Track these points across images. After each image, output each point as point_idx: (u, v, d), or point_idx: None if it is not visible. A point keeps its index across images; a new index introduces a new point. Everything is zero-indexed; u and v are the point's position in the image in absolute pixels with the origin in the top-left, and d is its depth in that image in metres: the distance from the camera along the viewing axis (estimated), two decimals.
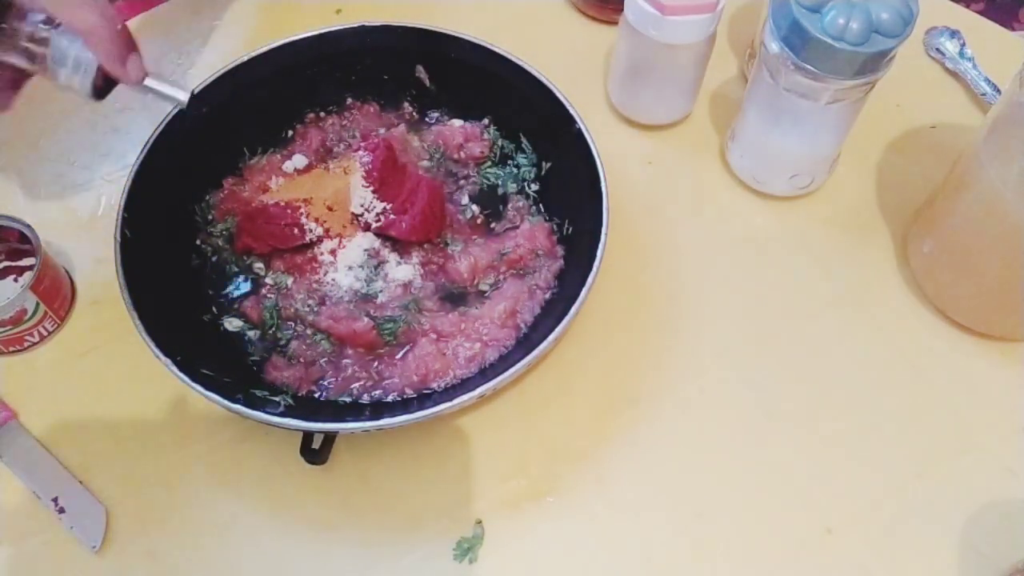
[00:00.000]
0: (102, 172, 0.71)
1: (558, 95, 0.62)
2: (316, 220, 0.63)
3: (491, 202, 0.67)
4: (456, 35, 0.66)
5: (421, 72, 0.69)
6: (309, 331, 0.61)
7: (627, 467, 0.58)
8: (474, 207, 0.66)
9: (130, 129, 0.73)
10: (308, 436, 0.54)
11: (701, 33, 0.64)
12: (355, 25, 0.67)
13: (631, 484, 0.58)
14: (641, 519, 0.56)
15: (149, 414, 0.60)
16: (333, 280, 0.62)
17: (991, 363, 0.62)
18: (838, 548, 0.56)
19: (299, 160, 0.67)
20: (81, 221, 0.69)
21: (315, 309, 0.61)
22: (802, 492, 0.57)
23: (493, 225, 0.66)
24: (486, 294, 0.62)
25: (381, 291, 0.62)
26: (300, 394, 0.58)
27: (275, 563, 0.55)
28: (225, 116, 0.65)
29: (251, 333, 0.61)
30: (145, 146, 0.61)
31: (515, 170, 0.68)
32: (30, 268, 0.60)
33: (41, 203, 0.69)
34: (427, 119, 0.70)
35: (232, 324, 0.61)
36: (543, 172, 0.67)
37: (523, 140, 0.68)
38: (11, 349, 0.62)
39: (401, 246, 0.64)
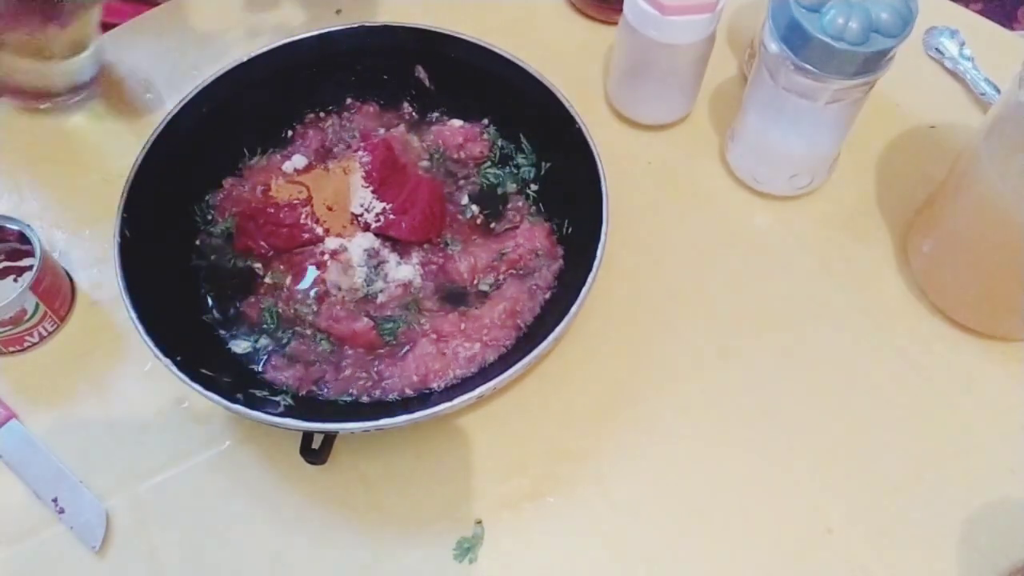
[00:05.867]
0: (102, 172, 0.71)
1: (558, 95, 0.62)
2: (316, 220, 0.63)
3: (491, 202, 0.67)
4: (456, 35, 0.66)
5: (421, 72, 0.69)
6: (309, 331, 0.61)
7: (627, 467, 0.58)
8: (474, 207, 0.66)
9: (132, 129, 0.73)
10: (308, 436, 0.54)
11: (701, 33, 0.64)
12: (355, 25, 0.67)
13: (631, 484, 0.58)
14: (641, 519, 0.56)
15: (149, 414, 0.60)
16: (334, 280, 0.62)
17: (991, 363, 0.62)
18: (838, 548, 0.56)
19: (299, 160, 0.67)
20: (81, 221, 0.69)
21: (315, 309, 0.61)
22: (802, 492, 0.57)
23: (493, 225, 0.66)
24: (486, 294, 0.62)
25: (381, 291, 0.62)
26: (300, 394, 0.58)
27: (275, 563, 0.55)
28: (225, 116, 0.65)
29: (261, 343, 0.61)
30: (145, 146, 0.61)
31: (515, 170, 0.68)
32: (30, 268, 0.60)
33: (41, 203, 0.70)
34: (427, 119, 0.70)
35: (239, 347, 0.61)
36: (543, 172, 0.67)
37: (523, 140, 0.68)
38: (11, 349, 0.62)
39: (401, 246, 0.64)
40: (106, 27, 0.76)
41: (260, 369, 0.59)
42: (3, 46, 0.65)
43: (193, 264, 0.64)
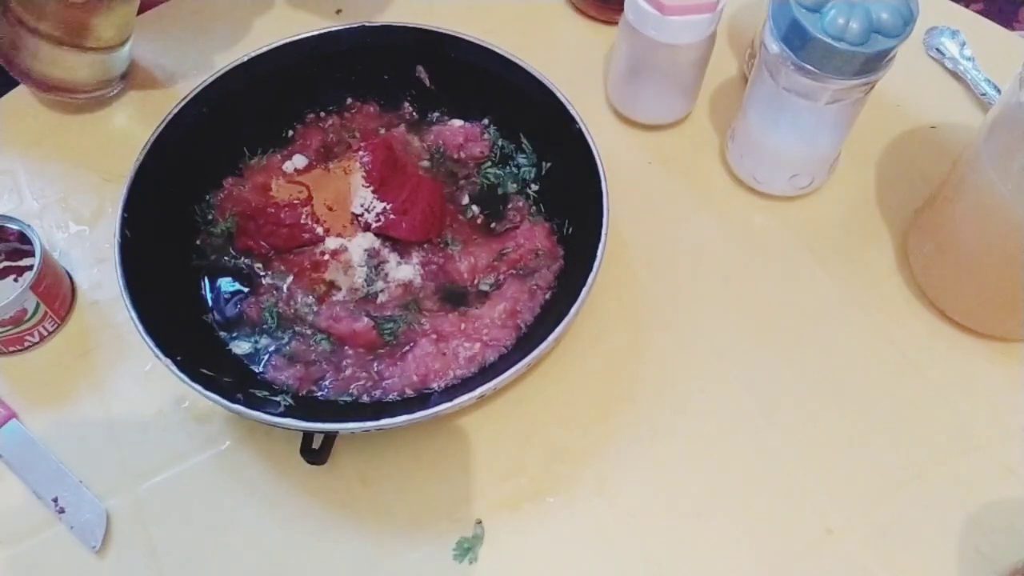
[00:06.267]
0: (102, 172, 0.71)
1: (558, 95, 0.62)
2: (316, 220, 0.63)
3: (491, 202, 0.67)
4: (456, 35, 0.66)
5: (421, 72, 0.69)
6: (309, 331, 0.61)
7: (627, 467, 0.58)
8: (474, 207, 0.66)
9: (132, 129, 0.73)
10: (308, 436, 0.54)
11: (701, 33, 0.64)
12: (355, 25, 0.67)
13: (631, 484, 0.58)
14: (641, 519, 0.56)
15: (149, 414, 0.60)
16: (333, 280, 0.62)
17: (991, 363, 0.62)
18: (838, 548, 0.56)
19: (299, 160, 0.67)
20: (81, 221, 0.69)
21: (315, 309, 0.61)
22: (802, 492, 0.57)
23: (493, 225, 0.66)
24: (486, 294, 0.62)
25: (381, 291, 0.62)
26: (300, 394, 0.58)
27: (275, 563, 0.55)
28: (225, 116, 0.65)
29: (261, 343, 0.61)
30: (145, 146, 0.61)
31: (515, 170, 0.68)
32: (30, 268, 0.60)
33: (41, 203, 0.70)
34: (427, 119, 0.70)
35: (240, 347, 0.61)
36: (543, 172, 0.67)
37: (523, 140, 0.68)
38: (11, 349, 0.62)
39: (401, 246, 0.64)
40: None
41: (260, 369, 0.59)
42: (43, 35, 0.65)
43: (193, 264, 0.64)
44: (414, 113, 0.71)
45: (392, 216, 0.63)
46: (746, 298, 0.65)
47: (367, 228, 0.63)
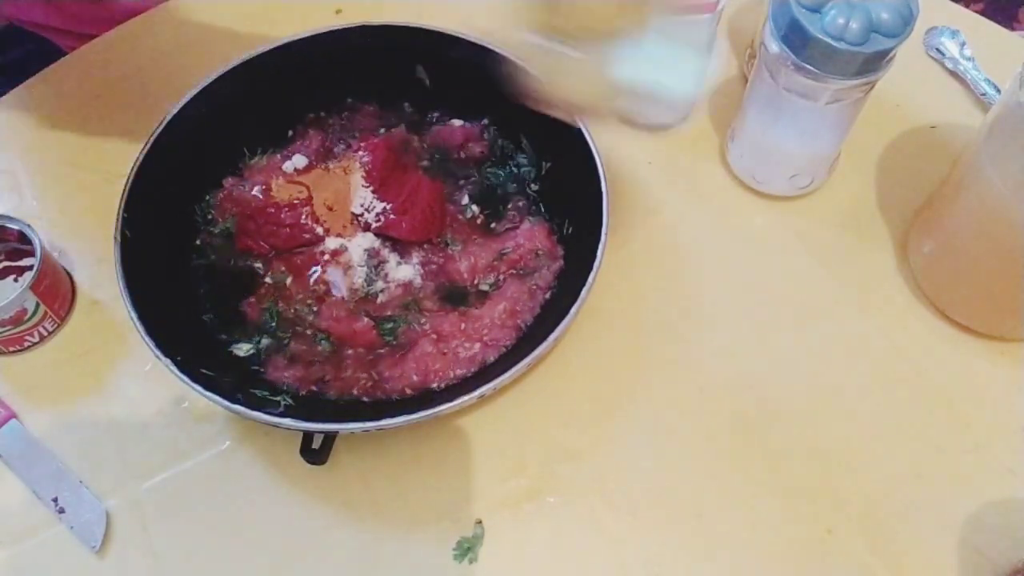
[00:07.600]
0: (102, 172, 0.71)
1: None
2: (316, 220, 0.63)
3: (491, 202, 0.67)
4: (456, 35, 0.66)
5: (421, 72, 0.69)
6: (309, 331, 0.61)
7: (627, 467, 0.58)
8: (474, 207, 0.66)
9: (132, 129, 0.73)
10: (308, 436, 0.54)
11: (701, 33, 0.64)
12: (355, 25, 0.67)
13: (631, 484, 0.58)
14: (641, 519, 0.57)
15: (149, 414, 0.60)
16: (332, 280, 0.62)
17: (991, 363, 0.62)
18: (838, 548, 0.56)
19: (299, 160, 0.67)
20: (81, 221, 0.69)
21: (315, 309, 0.61)
22: (802, 492, 0.57)
23: (493, 225, 0.66)
24: (486, 294, 0.62)
25: (381, 291, 0.62)
26: (300, 394, 0.58)
27: (275, 563, 0.55)
28: (225, 116, 0.65)
29: (261, 344, 0.61)
30: (145, 146, 0.61)
31: (515, 170, 0.68)
32: (30, 268, 0.60)
33: (41, 203, 0.70)
34: (427, 119, 0.70)
35: (240, 348, 0.61)
36: (543, 172, 0.67)
37: (523, 140, 0.68)
38: (11, 349, 0.62)
39: (401, 246, 0.64)
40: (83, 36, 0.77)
41: (260, 369, 0.59)
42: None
43: (193, 264, 0.64)
44: (414, 113, 0.71)
45: (392, 216, 0.63)
46: (746, 298, 0.65)
47: (367, 228, 0.63)
